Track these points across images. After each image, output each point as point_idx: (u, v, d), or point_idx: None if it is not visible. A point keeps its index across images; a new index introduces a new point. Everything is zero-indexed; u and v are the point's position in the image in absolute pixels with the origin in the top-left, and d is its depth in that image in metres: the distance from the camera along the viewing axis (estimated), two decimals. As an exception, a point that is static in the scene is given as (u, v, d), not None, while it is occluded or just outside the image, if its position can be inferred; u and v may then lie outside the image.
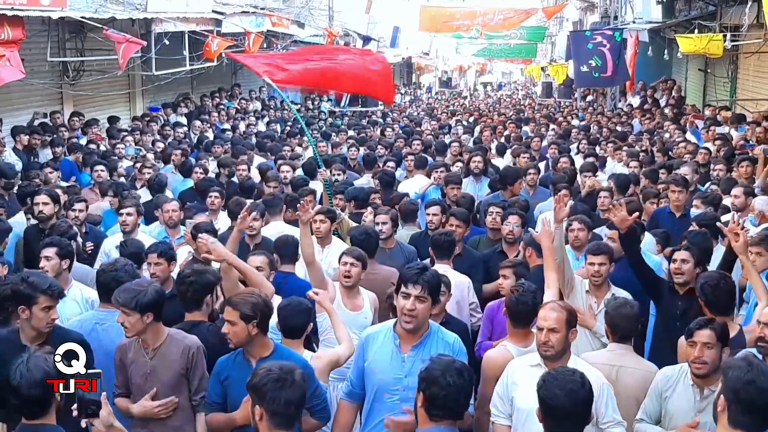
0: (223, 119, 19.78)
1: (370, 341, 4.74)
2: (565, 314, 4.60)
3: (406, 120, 23.97)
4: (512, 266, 6.50)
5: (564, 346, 4.58)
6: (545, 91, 38.86)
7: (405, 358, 4.56)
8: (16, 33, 11.61)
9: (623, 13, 25.75)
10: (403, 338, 4.60)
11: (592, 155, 13.27)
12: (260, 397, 3.61)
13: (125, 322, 4.79)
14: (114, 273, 5.54)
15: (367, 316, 6.22)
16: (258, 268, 6.06)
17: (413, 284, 4.48)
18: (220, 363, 4.80)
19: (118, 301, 4.79)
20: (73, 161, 12.55)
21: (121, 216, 8.04)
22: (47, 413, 3.74)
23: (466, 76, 63.04)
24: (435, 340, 4.61)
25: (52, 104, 15.75)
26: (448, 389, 3.70)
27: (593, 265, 6.28)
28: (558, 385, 3.73)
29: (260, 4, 22.64)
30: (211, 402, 4.76)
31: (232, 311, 4.61)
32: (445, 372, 3.73)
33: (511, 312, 5.35)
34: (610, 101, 27.17)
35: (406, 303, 4.49)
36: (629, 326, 5.33)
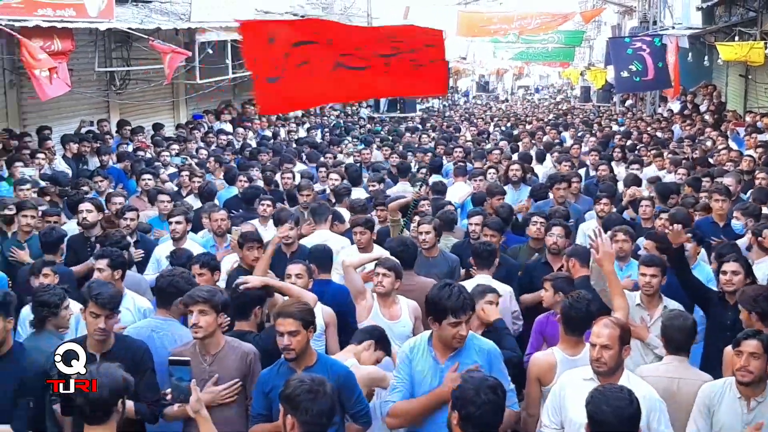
0: (264, 126, 20.00)
1: (413, 353, 4.81)
2: (618, 331, 4.62)
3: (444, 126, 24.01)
4: (552, 280, 6.51)
5: (617, 363, 4.61)
6: (583, 95, 38.67)
7: (442, 369, 4.64)
8: (65, 44, 11.93)
9: (662, 18, 25.52)
10: (439, 350, 4.69)
11: (637, 162, 13.17)
12: (293, 407, 3.72)
13: (199, 322, 4.89)
14: (171, 278, 5.67)
15: (405, 324, 6.32)
16: (297, 275, 6.16)
17: (464, 312, 4.57)
18: (264, 374, 4.87)
19: (200, 297, 4.90)
20: (121, 169, 12.79)
21: (171, 224, 8.22)
22: (108, 422, 3.84)
23: (503, 80, 62.82)
24: (469, 348, 4.69)
25: (99, 113, 16.13)
26: (483, 408, 3.77)
27: (645, 276, 6.27)
28: (606, 401, 3.80)
29: (300, 11, 22.85)
30: (257, 414, 4.80)
31: (293, 321, 4.65)
32: (479, 390, 3.80)
33: (564, 317, 5.40)
34: (650, 106, 26.97)
35: (458, 330, 4.57)
36: (684, 338, 5.33)
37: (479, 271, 7.05)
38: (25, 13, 10.95)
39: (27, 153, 12.05)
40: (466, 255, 7.83)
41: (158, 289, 5.74)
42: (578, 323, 5.31)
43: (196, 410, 3.99)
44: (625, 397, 3.84)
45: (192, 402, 3.98)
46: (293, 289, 5.77)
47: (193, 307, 4.95)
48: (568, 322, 5.38)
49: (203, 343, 5.00)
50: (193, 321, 4.94)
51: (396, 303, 6.38)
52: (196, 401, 3.99)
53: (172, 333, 5.53)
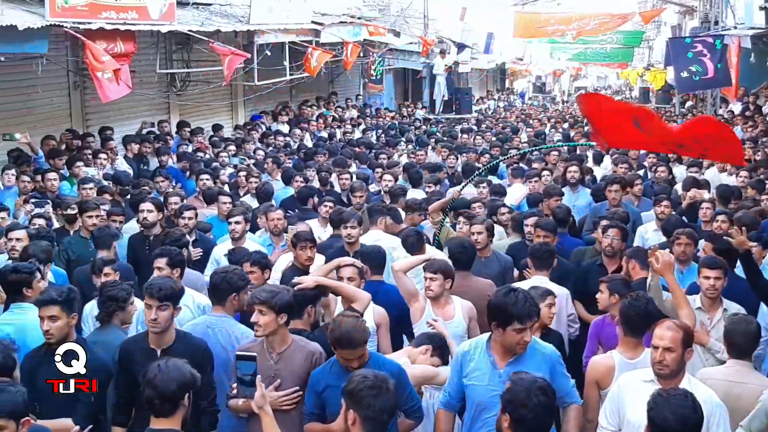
0: (321, 127, 20.16)
1: (467, 357, 4.83)
2: (681, 334, 4.58)
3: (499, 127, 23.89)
4: (608, 281, 6.44)
5: (679, 366, 4.57)
6: (642, 96, 38.13)
7: (502, 374, 4.63)
8: (128, 47, 12.18)
9: (724, 18, 25.02)
10: (498, 354, 4.70)
11: (696, 165, 12.97)
12: (355, 402, 3.77)
13: (259, 321, 4.94)
14: (224, 275, 5.74)
15: (459, 325, 6.30)
16: (349, 278, 6.16)
17: (530, 318, 4.59)
18: (315, 373, 4.90)
19: (258, 299, 4.95)
20: (180, 169, 13.02)
21: (230, 224, 8.35)
22: (174, 415, 3.96)
23: (560, 81, 62.28)
24: (531, 354, 4.70)
25: (160, 114, 16.43)
26: (536, 410, 3.77)
27: (708, 279, 6.17)
28: (669, 408, 3.77)
29: (357, 13, 22.97)
30: (310, 413, 4.85)
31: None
32: (530, 393, 3.80)
33: (623, 317, 5.37)
34: (710, 107, 26.48)
35: (523, 336, 4.59)
36: (746, 343, 5.24)
37: (536, 272, 7.02)
38: (89, 15, 11.19)
39: (89, 153, 12.33)
40: (521, 256, 7.82)
41: (212, 286, 5.82)
42: (637, 323, 5.27)
43: (260, 406, 4.05)
44: (689, 404, 3.79)
45: (257, 398, 4.04)
46: (347, 288, 5.80)
47: (255, 307, 5.00)
48: (627, 322, 5.33)
49: (269, 340, 5.05)
50: (253, 319, 5.00)
51: (449, 303, 6.38)
52: (261, 397, 4.05)
53: (227, 329, 5.59)
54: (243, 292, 5.69)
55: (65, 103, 13.85)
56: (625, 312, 5.33)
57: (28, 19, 10.09)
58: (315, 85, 22.66)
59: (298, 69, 18.34)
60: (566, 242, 8.68)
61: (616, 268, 7.27)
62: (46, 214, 8.90)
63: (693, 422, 3.75)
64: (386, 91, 28.11)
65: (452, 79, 29.43)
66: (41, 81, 12.13)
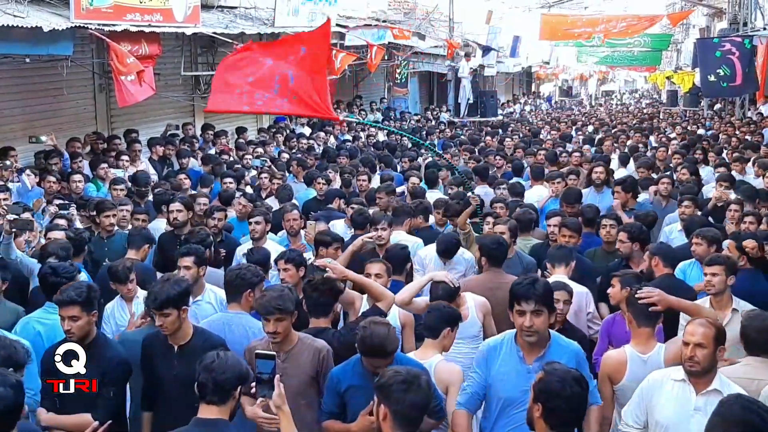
0: (345, 130, 20.18)
1: (492, 354, 4.77)
2: (713, 330, 4.51)
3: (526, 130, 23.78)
4: (620, 276, 6.39)
5: (711, 363, 4.48)
6: (670, 99, 37.82)
7: (530, 369, 4.58)
8: (152, 49, 12.28)
9: (753, 19, 24.75)
10: (526, 350, 4.64)
11: (724, 165, 12.82)
12: (386, 396, 3.71)
13: (277, 329, 4.92)
14: (238, 271, 5.81)
15: (474, 325, 6.25)
16: (377, 275, 6.18)
17: (526, 300, 4.52)
18: (336, 373, 4.85)
19: (275, 310, 4.90)
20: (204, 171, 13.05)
21: (251, 225, 8.39)
22: (225, 405, 4.02)
23: (587, 85, 61.97)
24: (558, 349, 4.63)
25: (185, 116, 16.51)
26: (570, 401, 3.73)
27: (706, 275, 6.19)
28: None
29: (382, 17, 22.97)
30: (329, 411, 4.82)
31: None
32: (565, 383, 3.75)
33: (629, 305, 5.34)
34: (739, 110, 26.21)
35: (523, 320, 4.54)
36: (763, 338, 5.12)
37: (555, 270, 6.96)
38: (114, 18, 11.30)
39: (113, 155, 12.42)
40: (545, 257, 7.74)
41: (227, 284, 5.85)
42: (643, 310, 5.23)
43: (278, 405, 4.02)
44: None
45: (275, 397, 3.99)
46: (375, 286, 5.77)
47: (270, 317, 4.95)
48: (635, 311, 5.29)
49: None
50: (270, 329, 4.95)
51: (464, 303, 6.32)
52: (279, 396, 4.01)
53: (244, 326, 5.62)
54: (258, 288, 5.71)
55: (90, 105, 13.96)
56: (631, 300, 5.30)
57: (53, 20, 10.20)
58: (339, 89, 22.64)
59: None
60: (594, 242, 8.60)
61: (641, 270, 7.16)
62: (69, 215, 8.95)
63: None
64: (411, 94, 28.12)
65: (477, 82, 29.33)
66: (67, 83, 12.23)
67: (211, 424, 3.98)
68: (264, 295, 5.10)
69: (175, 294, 5.06)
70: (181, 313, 5.08)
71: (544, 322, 4.58)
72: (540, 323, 4.55)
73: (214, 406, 4.01)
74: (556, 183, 10.79)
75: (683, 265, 7.57)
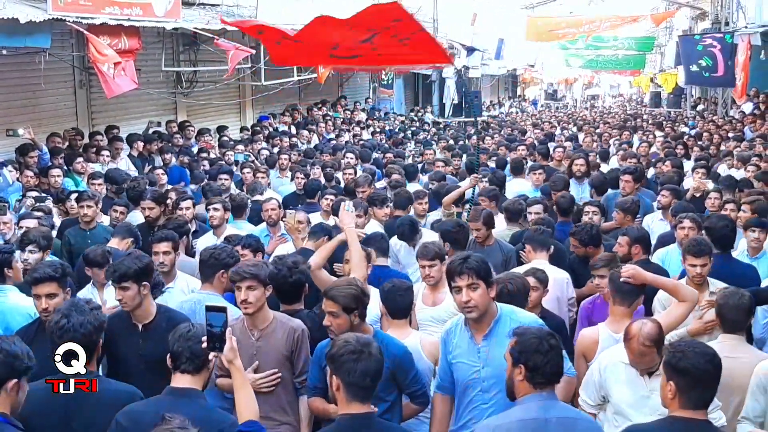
0: (330, 129, 20.15)
1: (450, 336, 4.68)
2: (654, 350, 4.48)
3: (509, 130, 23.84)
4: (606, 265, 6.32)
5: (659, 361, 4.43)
6: (654, 100, 38.00)
7: (479, 348, 4.49)
8: (132, 43, 12.20)
9: (735, 19, 24.85)
10: (475, 329, 4.53)
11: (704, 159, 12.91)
12: (336, 367, 3.70)
13: (249, 298, 4.91)
14: (212, 251, 5.76)
15: (447, 309, 6.09)
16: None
17: (459, 275, 4.42)
18: (321, 348, 4.78)
19: (248, 273, 4.93)
20: (184, 168, 13.01)
21: (209, 212, 8.41)
22: (199, 374, 4.02)
23: (572, 89, 62.13)
24: (506, 324, 4.45)
25: (167, 113, 16.40)
26: (550, 355, 3.74)
27: (695, 267, 6.07)
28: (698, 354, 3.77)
29: (366, 17, 22.89)
30: (313, 386, 4.79)
31: (333, 304, 4.67)
32: (542, 339, 3.76)
33: (612, 284, 5.38)
34: (721, 109, 26.32)
35: (460, 297, 4.44)
36: (739, 316, 5.15)
37: (534, 255, 6.93)
38: (93, 10, 11.21)
39: (93, 150, 12.34)
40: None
41: (201, 263, 5.82)
42: (622, 288, 5.27)
43: (230, 359, 3.96)
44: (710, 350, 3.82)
45: (226, 351, 3.94)
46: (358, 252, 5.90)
47: (241, 284, 4.95)
48: (612, 288, 5.36)
49: (251, 317, 5.00)
50: (242, 297, 4.94)
51: (443, 287, 6.20)
52: (231, 350, 3.95)
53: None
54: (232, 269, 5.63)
55: (71, 101, 13.86)
56: (612, 276, 5.35)
57: (30, 12, 10.09)
58: (324, 88, 22.60)
59: (305, 70, 18.29)
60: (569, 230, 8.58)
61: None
62: (45, 207, 8.87)
63: (718, 371, 3.78)
64: (396, 95, 28.09)
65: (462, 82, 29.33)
66: (46, 78, 12.11)
67: (184, 393, 3.95)
68: (239, 265, 5.09)
69: (136, 268, 5.01)
70: (141, 289, 5.01)
71: (482, 296, 4.42)
72: (478, 297, 4.40)
73: (188, 375, 3.99)
74: (537, 174, 10.82)
75: (661, 254, 7.62)
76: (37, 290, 5.02)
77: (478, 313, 4.43)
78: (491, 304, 4.52)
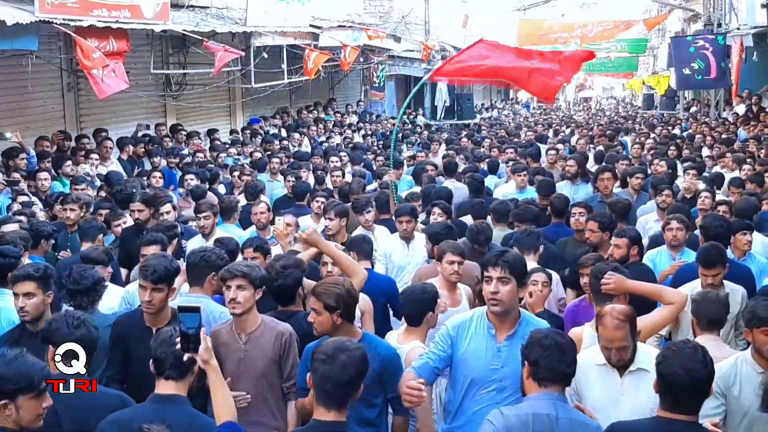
0: (321, 132, 20.10)
1: (460, 331, 4.56)
2: (626, 327, 4.43)
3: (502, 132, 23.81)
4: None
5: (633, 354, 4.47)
6: (647, 102, 38.02)
7: (500, 348, 4.42)
8: (120, 45, 12.12)
9: (727, 20, 24.89)
10: (497, 327, 4.47)
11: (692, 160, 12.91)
12: (311, 368, 3.69)
13: (237, 297, 4.85)
14: (202, 254, 5.64)
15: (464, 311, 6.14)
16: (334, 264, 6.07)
17: (493, 267, 4.40)
18: (311, 347, 4.67)
19: (239, 272, 4.88)
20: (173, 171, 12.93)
21: (199, 220, 8.34)
22: (183, 380, 3.96)
23: (565, 92, 62.19)
24: (529, 327, 4.37)
25: (156, 116, 16.29)
26: (551, 349, 3.70)
27: (706, 278, 6.10)
28: (678, 362, 3.68)
29: (357, 19, 22.90)
30: (301, 388, 4.73)
31: (317, 301, 4.65)
32: (547, 335, 3.77)
33: (591, 284, 5.43)
34: (714, 111, 26.33)
35: (488, 287, 4.40)
36: (715, 316, 5.14)
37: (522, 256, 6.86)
38: (80, 13, 11.12)
39: (82, 154, 12.24)
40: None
41: (190, 266, 5.68)
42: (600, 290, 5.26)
43: (205, 360, 3.89)
44: (699, 358, 3.69)
45: (201, 351, 3.87)
46: (345, 259, 5.88)
47: (231, 282, 4.88)
48: (592, 289, 5.40)
49: (240, 320, 4.93)
50: (231, 296, 4.87)
51: (458, 289, 6.28)
52: (205, 351, 3.88)
53: (205, 310, 5.35)
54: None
55: (59, 104, 13.74)
56: (592, 280, 5.40)
57: (17, 14, 10.02)
58: (315, 91, 22.58)
59: (296, 73, 18.25)
60: (563, 232, 8.57)
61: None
62: (30, 211, 8.79)
63: (703, 376, 3.66)
64: (388, 98, 28.05)
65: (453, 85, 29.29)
66: (33, 81, 12.04)
67: (168, 400, 3.90)
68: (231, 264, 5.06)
69: (173, 270, 5.04)
70: (169, 293, 5.01)
71: (511, 293, 4.39)
72: (506, 292, 4.37)
73: (172, 381, 3.94)
74: (522, 176, 10.81)
75: (652, 254, 7.59)
76: (16, 288, 5.00)
77: (503, 307, 4.41)
78: (517, 305, 4.55)
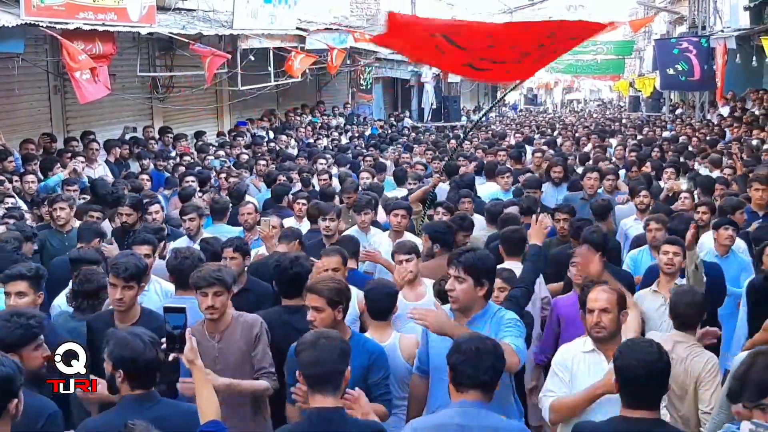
0: (308, 134, 20.13)
1: None
2: (615, 295, 4.59)
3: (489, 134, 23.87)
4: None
5: (616, 328, 4.57)
6: (632, 104, 38.21)
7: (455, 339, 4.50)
8: (106, 48, 12.12)
9: (711, 23, 25.07)
10: (457, 318, 4.62)
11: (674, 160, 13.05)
12: (299, 362, 3.75)
13: (216, 304, 4.85)
14: (185, 258, 5.69)
15: (428, 304, 6.02)
16: (334, 269, 6.01)
17: (449, 265, 4.60)
18: (292, 351, 4.63)
19: (215, 279, 4.85)
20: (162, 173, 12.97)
21: (185, 222, 8.38)
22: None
23: (552, 94, 62.46)
24: (489, 318, 4.58)
25: (143, 119, 16.26)
26: (467, 354, 3.71)
27: (667, 254, 6.28)
28: (634, 355, 3.72)
29: (344, 21, 22.94)
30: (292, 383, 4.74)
31: (318, 297, 4.65)
32: (469, 340, 3.79)
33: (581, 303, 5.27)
34: (699, 113, 26.50)
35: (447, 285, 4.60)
36: (691, 314, 5.19)
37: (507, 258, 6.92)
38: (66, 15, 11.13)
39: (68, 156, 12.24)
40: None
41: (172, 269, 5.74)
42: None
43: (190, 359, 3.93)
44: (655, 351, 3.75)
45: (186, 351, 3.91)
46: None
47: (208, 290, 4.87)
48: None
49: (214, 320, 4.96)
50: (209, 303, 4.86)
51: (421, 284, 6.33)
52: (190, 351, 3.92)
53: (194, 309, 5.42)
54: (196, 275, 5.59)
55: (45, 107, 13.72)
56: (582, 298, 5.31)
57: (3, 17, 10.03)
58: (302, 93, 22.60)
59: (283, 75, 18.28)
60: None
61: None
62: (18, 213, 8.81)
63: (658, 368, 3.71)
64: (375, 100, 28.09)
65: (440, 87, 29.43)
66: (19, 84, 12.08)
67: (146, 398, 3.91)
68: (201, 269, 5.02)
69: (142, 267, 5.09)
70: (139, 291, 5.06)
71: (466, 291, 4.53)
72: (461, 291, 4.53)
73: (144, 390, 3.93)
74: (506, 177, 10.89)
75: (633, 254, 7.68)
76: (8, 288, 5.03)
77: (458, 305, 4.57)
78: (479, 301, 4.61)
